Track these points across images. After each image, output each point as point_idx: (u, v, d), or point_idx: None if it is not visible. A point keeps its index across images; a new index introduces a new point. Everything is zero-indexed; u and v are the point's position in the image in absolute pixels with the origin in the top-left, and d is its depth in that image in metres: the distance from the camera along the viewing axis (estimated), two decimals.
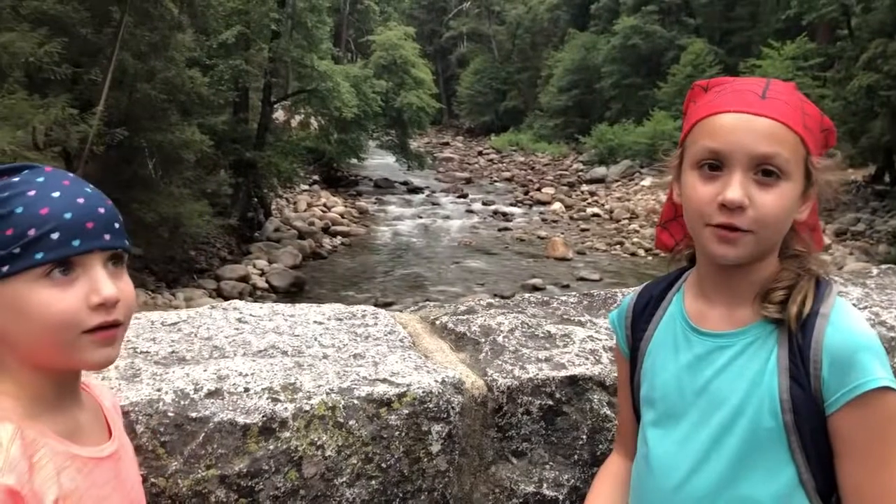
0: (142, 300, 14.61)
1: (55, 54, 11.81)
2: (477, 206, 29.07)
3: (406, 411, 1.65)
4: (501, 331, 2.01)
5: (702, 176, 1.19)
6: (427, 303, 2.52)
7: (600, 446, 1.82)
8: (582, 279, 19.28)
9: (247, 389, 1.57)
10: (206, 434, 1.48)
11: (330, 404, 1.59)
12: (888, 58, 20.31)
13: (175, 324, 1.87)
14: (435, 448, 1.68)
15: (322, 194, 28.10)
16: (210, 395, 1.54)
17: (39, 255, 0.96)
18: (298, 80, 24.64)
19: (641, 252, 22.52)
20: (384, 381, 1.68)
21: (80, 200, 1.01)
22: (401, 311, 2.30)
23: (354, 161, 32.43)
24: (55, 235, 0.97)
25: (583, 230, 25.62)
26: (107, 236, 1.02)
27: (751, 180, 1.15)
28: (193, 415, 1.50)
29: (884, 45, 20.60)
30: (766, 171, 1.15)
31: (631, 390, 1.42)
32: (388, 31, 33.57)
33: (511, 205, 29.46)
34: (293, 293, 17.46)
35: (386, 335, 1.96)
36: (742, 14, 35.10)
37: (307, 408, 1.57)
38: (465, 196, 30.84)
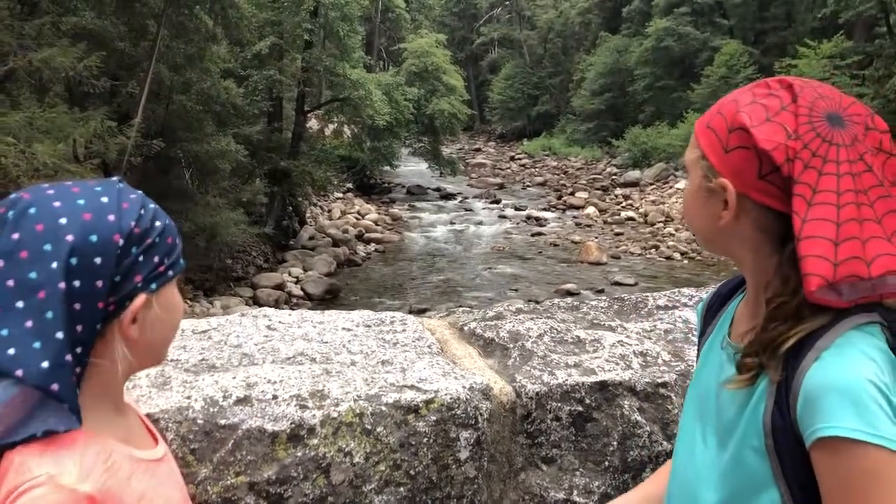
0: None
1: (94, 68, 12.03)
2: (510, 211, 29.00)
3: (434, 418, 1.65)
4: (530, 336, 2.00)
5: None
6: (455, 308, 2.52)
7: (631, 453, 1.80)
8: (617, 283, 19.11)
9: (275, 396, 1.58)
10: (235, 441, 1.50)
11: (358, 411, 1.59)
12: None
13: (205, 331, 1.89)
14: (463, 455, 1.67)
15: (356, 202, 28.26)
16: (239, 402, 1.55)
17: (182, 261, 1.12)
18: (331, 89, 24.83)
19: (677, 255, 22.28)
20: (412, 387, 1.69)
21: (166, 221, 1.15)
22: (429, 318, 2.30)
23: (387, 168, 32.56)
24: (179, 244, 1.12)
25: (617, 234, 25.41)
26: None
27: None
28: (222, 422, 1.51)
29: None
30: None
31: None
32: (420, 38, 33.71)
33: (544, 209, 29.34)
34: (328, 300, 17.57)
35: (414, 341, 1.96)
36: (777, 14, 34.60)
37: (335, 415, 1.57)
38: (497, 201, 30.78)
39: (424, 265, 21.70)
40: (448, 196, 31.93)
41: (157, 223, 1.06)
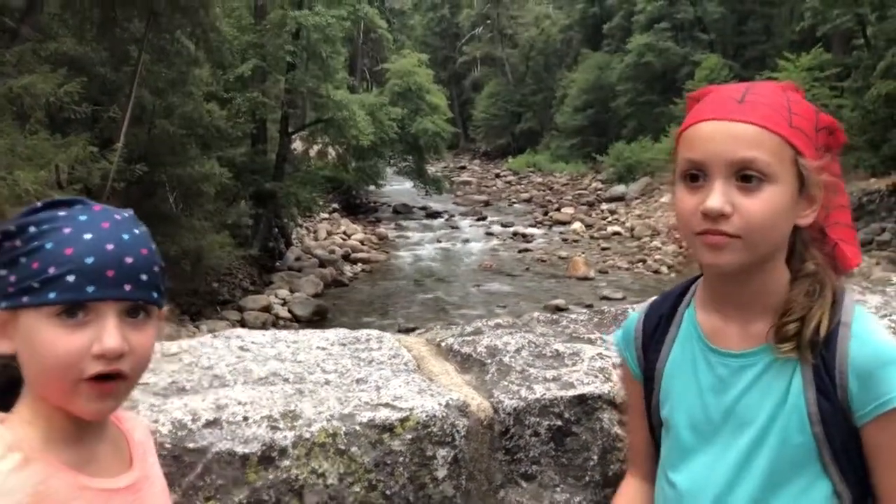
0: (167, 333, 14.65)
1: (75, 94, 11.95)
2: (496, 228, 29.01)
3: (409, 436, 1.61)
4: (508, 351, 1.98)
5: (686, 188, 1.18)
6: (440, 325, 2.49)
7: (612, 467, 1.77)
8: (605, 298, 19.11)
9: (246, 418, 1.54)
10: (205, 465, 1.46)
11: (331, 431, 1.56)
12: None
13: (175, 354, 1.85)
14: (441, 473, 1.64)
15: (342, 222, 28.21)
16: (208, 424, 1.52)
17: (52, 295, 0.96)
18: (315, 110, 24.85)
19: (664, 269, 22.33)
20: (386, 405, 1.65)
21: (110, 247, 0.99)
22: (407, 335, 2.27)
23: (373, 188, 32.57)
24: (71, 278, 0.96)
25: (604, 249, 25.46)
26: (127, 287, 1.00)
27: (733, 187, 1.12)
28: (191, 445, 1.47)
29: None
30: (746, 176, 1.12)
31: (648, 413, 1.37)
32: (402, 58, 33.80)
33: (531, 226, 29.38)
34: (316, 321, 17.46)
35: (390, 359, 1.93)
36: (755, 28, 34.98)
37: (307, 435, 1.54)
38: (484, 219, 30.81)
39: (412, 284, 21.64)
40: (434, 214, 31.94)
41: (34, 242, 0.99)
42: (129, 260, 1.00)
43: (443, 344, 2.09)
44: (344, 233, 26.87)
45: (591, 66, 41.66)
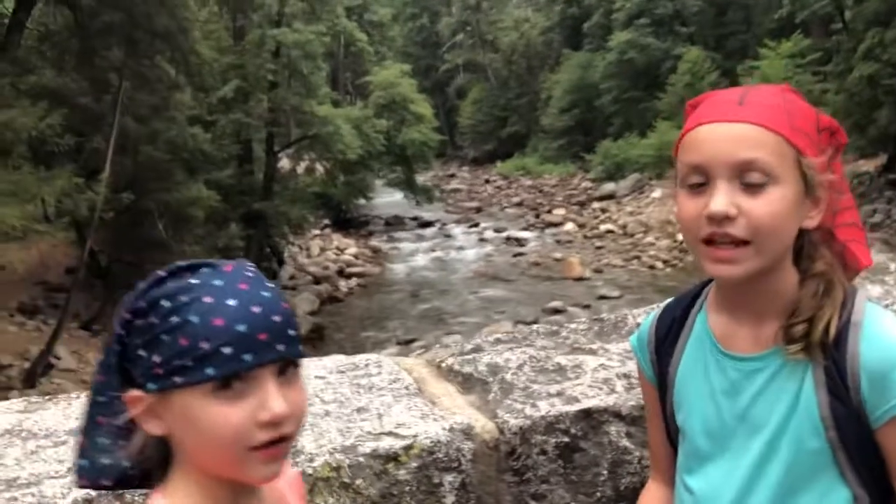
0: None
1: (57, 126, 11.93)
2: (489, 234, 29.00)
3: (415, 464, 1.57)
4: (509, 367, 1.94)
5: (689, 192, 1.15)
6: (442, 337, 2.45)
7: (623, 480, 1.73)
8: (602, 297, 19.12)
9: None
10: None
11: (334, 465, 1.52)
12: (886, 46, 20.20)
13: None
14: (449, 500, 1.60)
15: (334, 237, 28.15)
16: None
17: (210, 371, 0.91)
18: (300, 127, 24.83)
19: (659, 264, 22.35)
20: (390, 433, 1.62)
21: (256, 309, 0.94)
22: (405, 357, 2.23)
23: (363, 201, 32.53)
24: (227, 350, 0.91)
25: (598, 248, 25.47)
26: (280, 347, 0.95)
27: (737, 189, 1.10)
28: None
29: (880, 34, 20.49)
30: (749, 177, 1.10)
31: (664, 417, 1.35)
32: (384, 70, 33.83)
33: (523, 229, 29.37)
34: (314, 339, 17.39)
35: (390, 384, 1.89)
36: (734, 18, 35.11)
37: (310, 471, 1.50)
38: (476, 225, 30.79)
39: (408, 295, 21.60)
40: (426, 224, 31.90)
41: (174, 318, 0.92)
42: (276, 319, 0.95)
43: (443, 364, 2.05)
44: (337, 248, 26.82)
45: (574, 66, 41.74)
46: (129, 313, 0.96)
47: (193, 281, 0.96)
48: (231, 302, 0.93)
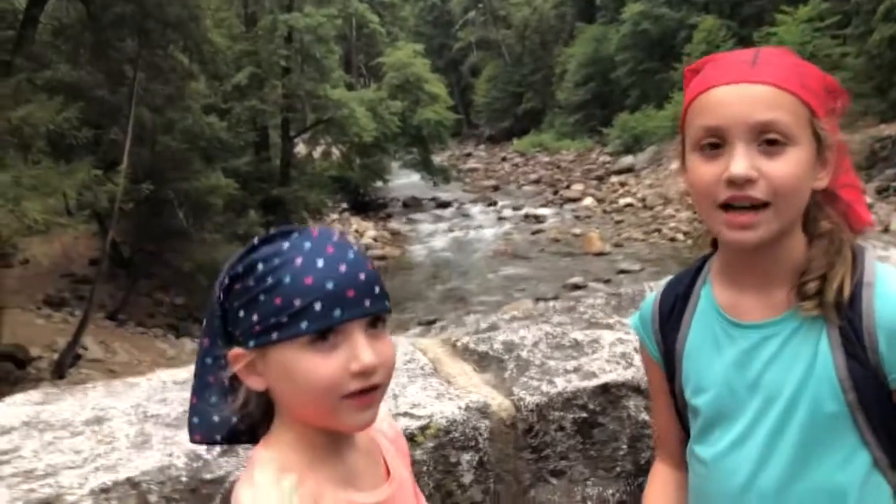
0: (189, 349, 14.76)
1: (74, 119, 11.97)
2: (507, 212, 28.89)
3: (431, 444, 1.57)
4: (525, 345, 1.92)
5: (703, 157, 1.13)
6: (464, 316, 2.44)
7: (643, 454, 1.72)
8: (623, 271, 19.00)
9: None
10: (223, 495, 1.42)
11: None
12: None
13: (185, 381, 1.81)
14: (467, 478, 1.59)
15: (352, 221, 28.19)
16: (224, 453, 1.47)
17: (304, 325, 0.99)
18: (315, 112, 24.83)
19: (680, 237, 22.15)
20: (405, 414, 1.61)
21: (343, 268, 1.02)
22: (421, 338, 2.22)
23: (380, 184, 32.52)
24: (318, 306, 0.99)
25: (617, 222, 25.31)
26: (367, 302, 1.02)
27: (755, 151, 1.08)
28: (208, 476, 1.43)
29: None
30: (769, 139, 1.08)
31: (672, 396, 1.33)
32: (397, 50, 33.67)
33: (542, 206, 29.23)
34: None
35: (405, 364, 1.89)
36: None
37: None
38: (494, 204, 30.70)
39: (429, 276, 21.61)
40: (444, 204, 31.84)
41: (269, 279, 1.00)
42: (362, 276, 1.03)
43: (458, 343, 2.03)
44: (356, 231, 26.86)
45: (588, 40, 41.31)
46: (227, 278, 1.04)
47: (285, 245, 1.03)
48: (319, 262, 1.01)
